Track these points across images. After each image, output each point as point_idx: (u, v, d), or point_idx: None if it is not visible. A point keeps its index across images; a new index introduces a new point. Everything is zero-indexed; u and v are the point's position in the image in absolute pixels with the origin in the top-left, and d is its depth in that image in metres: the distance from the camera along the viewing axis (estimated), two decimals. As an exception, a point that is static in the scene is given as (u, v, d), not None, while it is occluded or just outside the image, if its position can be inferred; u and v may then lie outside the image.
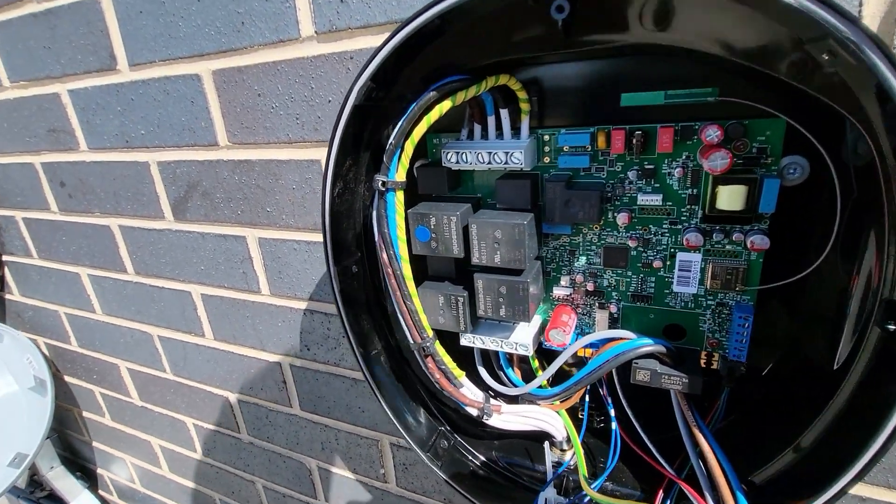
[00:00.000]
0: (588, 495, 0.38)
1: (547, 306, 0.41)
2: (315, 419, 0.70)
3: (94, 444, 1.20)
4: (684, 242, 0.33)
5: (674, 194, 0.34)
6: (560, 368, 0.39)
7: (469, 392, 0.38)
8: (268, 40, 0.48)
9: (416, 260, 0.36)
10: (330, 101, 0.47)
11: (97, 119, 0.66)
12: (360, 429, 0.65)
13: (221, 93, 0.54)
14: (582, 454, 0.39)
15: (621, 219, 0.35)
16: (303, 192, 0.53)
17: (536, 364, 0.43)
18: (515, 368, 0.44)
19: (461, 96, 0.31)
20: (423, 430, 0.42)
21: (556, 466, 0.41)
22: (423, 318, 0.35)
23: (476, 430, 0.45)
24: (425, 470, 0.63)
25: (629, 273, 0.37)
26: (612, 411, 0.40)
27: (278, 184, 0.54)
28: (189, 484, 1.02)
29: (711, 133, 0.30)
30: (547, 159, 0.36)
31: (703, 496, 0.33)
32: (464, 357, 0.41)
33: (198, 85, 0.55)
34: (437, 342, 0.36)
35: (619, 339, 0.36)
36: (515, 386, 0.42)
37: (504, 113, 0.35)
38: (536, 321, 0.41)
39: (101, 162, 0.70)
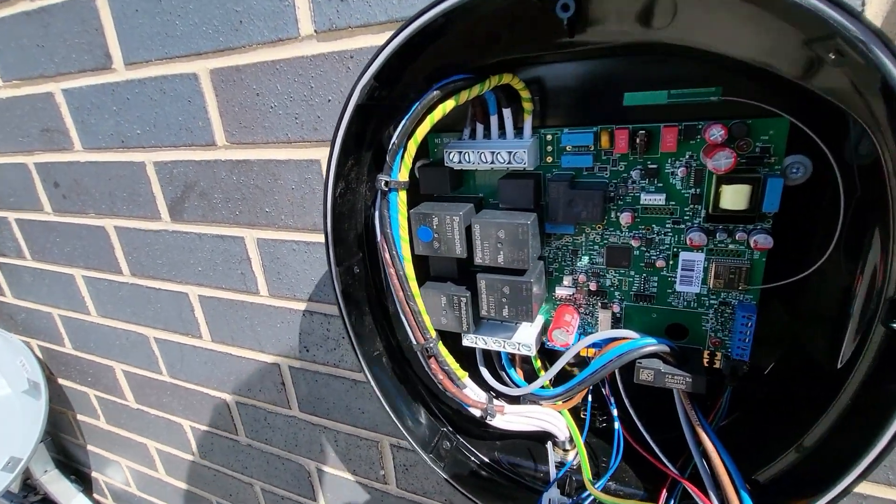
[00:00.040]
0: (591, 495, 0.38)
1: (549, 306, 0.41)
2: (314, 421, 0.70)
3: (89, 447, 1.18)
4: (688, 242, 0.33)
5: (677, 194, 0.34)
6: (562, 368, 0.39)
7: (472, 393, 0.38)
8: (266, 39, 0.47)
9: (417, 260, 0.35)
10: (329, 100, 0.47)
11: (92, 119, 0.66)
12: (360, 430, 0.65)
13: (219, 92, 0.53)
14: (585, 454, 0.39)
15: (624, 218, 0.35)
16: (302, 193, 0.53)
17: (538, 364, 0.43)
18: (517, 368, 0.43)
19: (465, 95, 0.31)
20: (426, 432, 0.42)
21: (559, 467, 0.41)
22: (427, 319, 0.35)
23: (478, 431, 0.45)
24: (426, 471, 0.63)
25: (632, 273, 0.37)
26: (614, 411, 0.40)
27: (277, 184, 0.54)
28: (185, 486, 1.01)
29: (715, 132, 0.30)
30: (550, 159, 0.36)
31: (706, 495, 0.33)
32: (465, 357, 0.41)
33: (195, 84, 0.54)
34: (440, 343, 0.36)
35: (623, 339, 0.36)
36: (518, 386, 0.42)
37: (507, 112, 0.34)
38: (539, 321, 0.40)
39: (96, 162, 0.69)
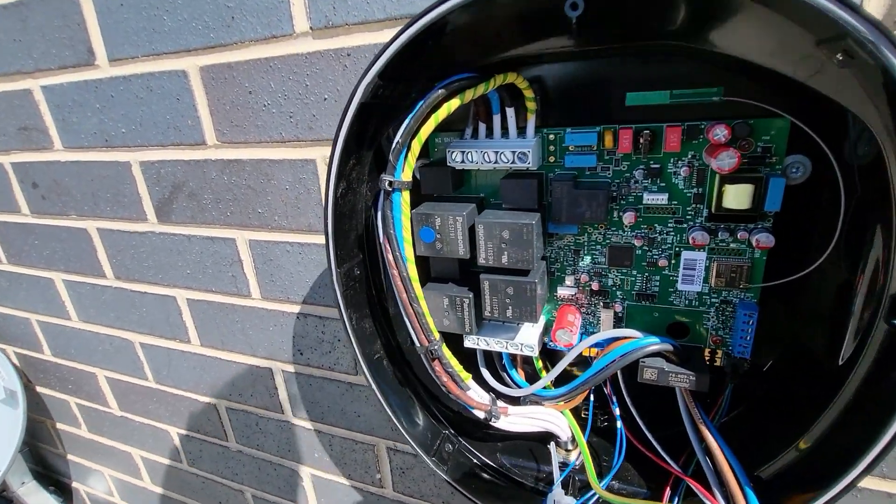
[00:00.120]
0: (596, 494, 0.38)
1: (550, 306, 0.41)
2: (308, 425, 0.68)
3: (69, 456, 1.14)
4: (690, 241, 0.33)
5: (679, 193, 0.34)
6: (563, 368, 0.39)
7: (476, 395, 0.38)
8: (260, 36, 0.46)
9: (417, 261, 0.35)
10: (326, 98, 0.46)
11: (73, 117, 0.63)
12: (356, 434, 0.64)
13: (209, 90, 0.52)
14: (588, 454, 0.39)
15: (627, 218, 0.35)
16: (296, 193, 0.52)
17: (540, 364, 0.43)
18: (519, 369, 0.43)
19: (469, 94, 0.31)
20: (427, 435, 0.41)
21: (562, 467, 0.41)
22: (430, 321, 0.35)
23: (479, 433, 0.45)
24: (423, 473, 0.62)
25: (634, 272, 0.37)
26: (616, 410, 0.40)
27: (270, 184, 0.53)
28: (173, 495, 0.98)
29: (719, 132, 0.30)
30: (552, 158, 0.36)
31: (711, 492, 0.34)
32: (465, 358, 0.40)
33: (184, 81, 0.52)
34: (444, 345, 0.36)
35: (625, 339, 0.37)
36: (520, 387, 0.42)
37: (510, 111, 0.34)
38: (541, 321, 0.40)
39: (78, 162, 0.67)
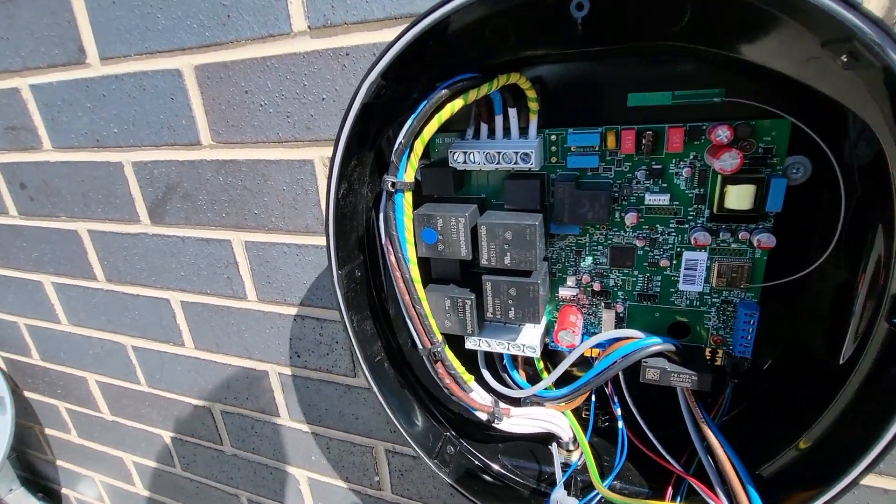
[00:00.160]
0: (599, 494, 0.38)
1: (552, 307, 0.41)
2: (305, 428, 0.68)
3: (59, 462, 1.12)
4: (693, 241, 0.34)
5: (681, 194, 0.34)
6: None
7: (478, 397, 0.37)
8: (256, 35, 0.46)
9: (417, 262, 0.34)
10: (324, 98, 0.45)
11: (63, 116, 0.62)
12: (354, 436, 0.64)
13: (204, 89, 0.51)
14: (591, 454, 0.39)
15: (630, 219, 0.35)
16: (294, 194, 0.51)
17: (541, 365, 0.43)
18: (520, 370, 0.43)
19: (473, 94, 0.30)
20: (429, 437, 0.41)
21: (564, 467, 0.41)
22: (433, 323, 0.34)
23: (480, 434, 0.45)
24: (422, 475, 0.62)
25: (635, 272, 0.37)
26: (618, 410, 0.40)
27: (267, 185, 0.52)
28: (166, 500, 0.97)
29: (721, 133, 0.30)
30: (554, 159, 0.36)
31: (713, 491, 0.34)
32: (466, 359, 0.40)
33: (178, 81, 0.52)
34: (447, 347, 0.36)
35: (627, 339, 0.37)
36: (521, 388, 0.42)
37: (512, 112, 0.34)
38: (542, 322, 0.40)
39: (68, 162, 0.65)
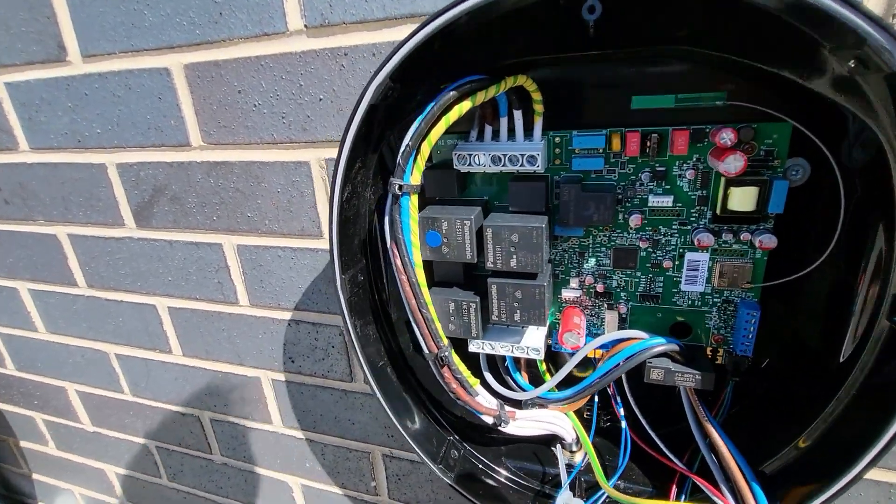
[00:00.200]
0: (604, 495, 0.38)
1: (554, 308, 0.41)
2: (299, 435, 0.66)
3: (35, 476, 1.08)
4: (696, 243, 0.34)
5: (684, 196, 0.34)
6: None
7: (484, 400, 0.37)
8: (250, 33, 0.45)
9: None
10: (321, 99, 0.45)
11: (41, 116, 0.59)
12: (350, 441, 0.63)
13: (194, 89, 0.49)
14: (595, 454, 0.39)
15: (634, 220, 0.35)
16: (289, 196, 0.50)
17: (544, 367, 0.43)
18: (523, 372, 0.43)
19: (481, 96, 0.30)
20: (433, 442, 0.41)
21: (568, 468, 0.41)
22: (439, 327, 0.34)
23: (483, 438, 0.44)
24: (420, 479, 0.61)
25: (638, 273, 0.38)
26: (620, 410, 0.41)
27: (261, 187, 0.51)
28: (151, 512, 0.94)
29: (725, 136, 0.30)
30: (558, 161, 0.36)
31: (718, 489, 0.34)
32: (468, 362, 0.40)
33: (167, 80, 0.50)
34: (453, 350, 0.35)
35: (631, 340, 0.37)
36: (524, 390, 0.42)
37: (517, 114, 0.34)
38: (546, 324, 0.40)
39: (47, 164, 0.63)
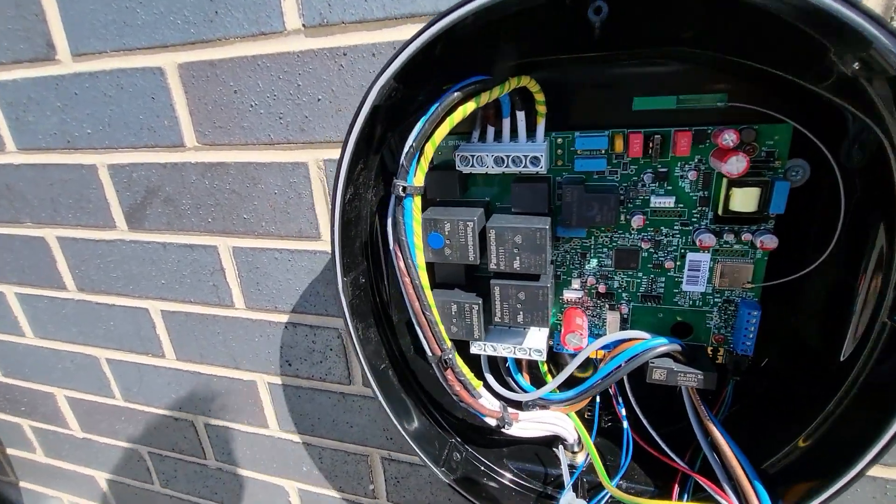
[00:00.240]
0: (607, 494, 0.38)
1: (555, 309, 0.41)
2: (295, 438, 0.66)
3: (22, 484, 1.05)
4: (698, 243, 0.34)
5: (685, 196, 0.34)
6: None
7: (487, 402, 0.37)
8: (247, 32, 0.44)
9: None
10: (319, 99, 0.44)
11: (29, 116, 0.58)
12: (348, 445, 0.62)
13: (189, 88, 0.49)
14: (597, 455, 0.39)
15: (636, 221, 0.35)
16: (286, 197, 0.49)
17: (545, 368, 0.43)
18: (524, 373, 0.43)
19: (485, 97, 0.30)
20: (435, 445, 0.40)
21: (570, 469, 0.41)
22: (443, 329, 0.34)
23: (484, 440, 0.44)
24: (419, 482, 0.61)
25: (640, 274, 0.38)
26: (622, 410, 0.41)
27: (257, 188, 0.50)
28: (143, 519, 0.92)
29: (728, 137, 0.31)
30: (560, 162, 0.36)
31: (720, 487, 0.35)
32: (468, 364, 0.40)
33: (160, 79, 0.49)
34: (456, 353, 0.35)
35: (634, 340, 0.37)
36: (525, 391, 0.42)
37: (520, 115, 0.34)
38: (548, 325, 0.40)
39: (35, 165, 0.61)
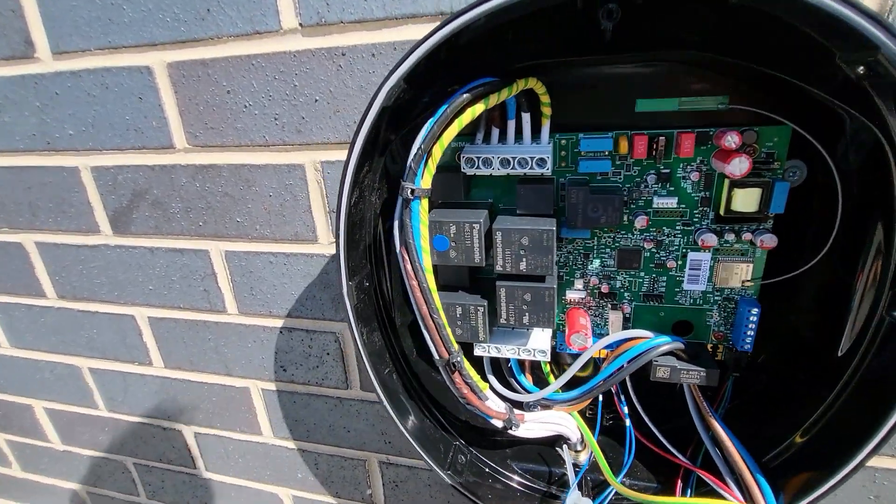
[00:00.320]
0: (612, 492, 0.39)
1: (558, 310, 0.41)
2: (290, 445, 0.64)
3: (-4, 500, 1.01)
4: (700, 243, 0.35)
5: (687, 197, 0.35)
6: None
7: (494, 404, 0.37)
8: (240, 31, 0.43)
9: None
10: (317, 100, 0.43)
11: (6, 116, 0.55)
12: (345, 450, 0.61)
13: (179, 88, 0.47)
14: (601, 453, 0.39)
15: (640, 222, 0.35)
16: (282, 200, 0.48)
17: (548, 368, 0.43)
18: (527, 374, 0.43)
19: (493, 99, 0.30)
20: (440, 448, 0.40)
21: (574, 468, 0.41)
22: (450, 332, 0.34)
23: (487, 441, 0.44)
24: (417, 485, 0.60)
25: (642, 274, 0.38)
26: (624, 409, 0.41)
27: (251, 191, 0.49)
28: (128, 532, 0.89)
29: (730, 139, 0.31)
30: (564, 164, 0.36)
31: (723, 482, 0.35)
32: (472, 366, 0.40)
33: (148, 79, 0.47)
34: (463, 355, 0.35)
35: (637, 339, 0.37)
36: (529, 392, 0.42)
37: (526, 117, 0.34)
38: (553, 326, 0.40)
39: (11, 167, 0.58)
